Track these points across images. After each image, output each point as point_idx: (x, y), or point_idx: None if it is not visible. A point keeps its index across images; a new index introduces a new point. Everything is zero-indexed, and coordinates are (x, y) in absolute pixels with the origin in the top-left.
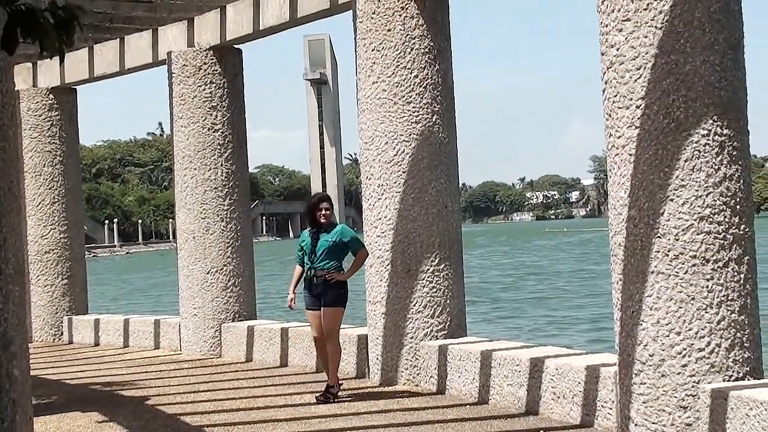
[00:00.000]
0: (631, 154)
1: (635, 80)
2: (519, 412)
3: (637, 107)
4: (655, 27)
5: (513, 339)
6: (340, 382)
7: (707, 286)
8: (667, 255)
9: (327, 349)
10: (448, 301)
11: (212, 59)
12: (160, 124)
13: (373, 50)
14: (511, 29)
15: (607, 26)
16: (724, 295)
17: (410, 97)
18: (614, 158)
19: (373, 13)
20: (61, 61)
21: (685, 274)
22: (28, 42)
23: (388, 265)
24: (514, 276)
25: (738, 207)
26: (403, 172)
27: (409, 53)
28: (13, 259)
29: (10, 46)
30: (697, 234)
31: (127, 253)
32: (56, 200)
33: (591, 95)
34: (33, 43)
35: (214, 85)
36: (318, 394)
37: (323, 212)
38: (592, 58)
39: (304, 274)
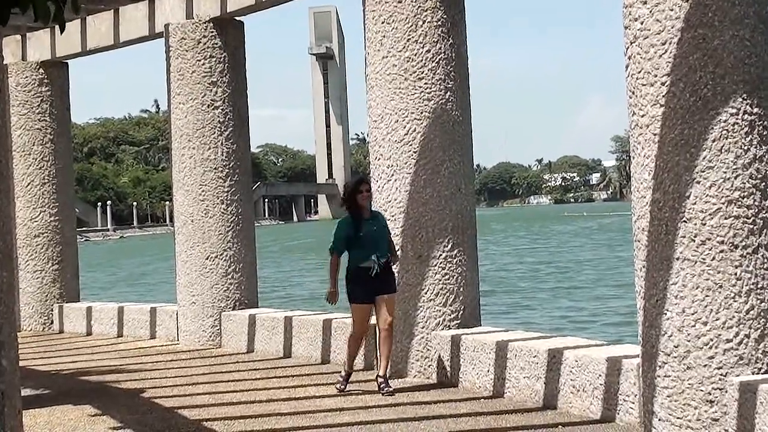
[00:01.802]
0: (655, 134)
1: (660, 56)
2: (536, 406)
3: (662, 84)
4: None
5: (530, 330)
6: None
7: (735, 274)
8: (693, 240)
9: (388, 337)
10: (461, 289)
11: (212, 32)
12: (156, 101)
13: (382, 23)
14: (526, 2)
15: None
16: (753, 283)
17: (422, 72)
18: (637, 138)
19: None
20: (62, 30)
21: (712, 260)
22: (16, 12)
23: (398, 251)
24: (532, 263)
25: None
26: (414, 152)
27: (421, 26)
28: (1, 243)
29: (2, 16)
30: (725, 218)
31: (121, 237)
32: (46, 181)
33: (612, 72)
34: (23, 12)
35: (214, 59)
36: (384, 386)
37: (364, 194)
38: (614, 32)
39: (368, 267)
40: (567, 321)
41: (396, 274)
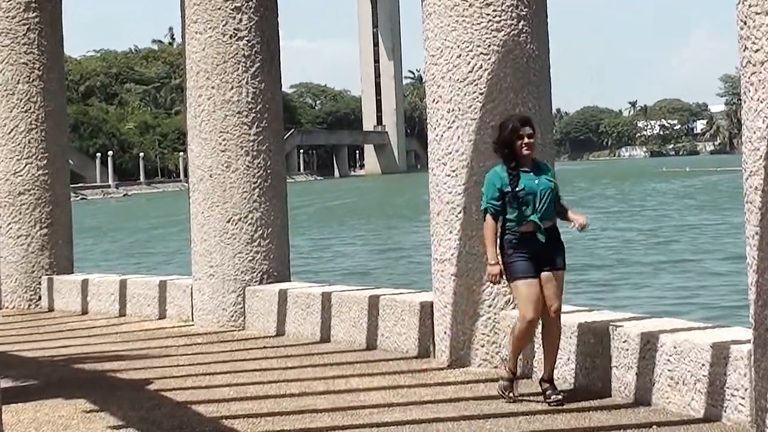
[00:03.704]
0: None
1: None
2: (626, 401)
3: None
4: None
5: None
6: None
7: None
8: None
9: (555, 327)
10: None
11: None
12: (171, 29)
13: None
14: None
15: None
16: None
17: None
18: (750, 78)
19: None
20: None
21: None
22: None
23: (460, 212)
24: (622, 230)
25: None
26: (480, 94)
27: None
28: None
29: None
30: None
31: (125, 195)
32: (33, 126)
33: None
34: None
35: None
36: (551, 393)
37: (526, 140)
38: None
39: (529, 231)
40: (663, 300)
41: (565, 245)
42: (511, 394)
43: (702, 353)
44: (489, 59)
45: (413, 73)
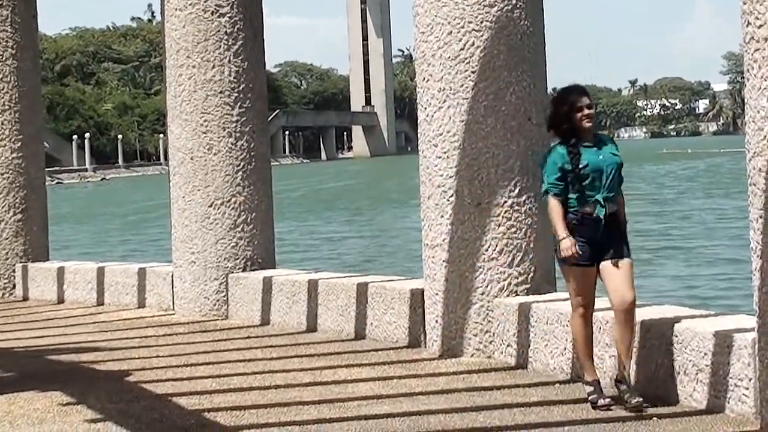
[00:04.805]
0: None
1: None
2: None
3: None
4: None
5: None
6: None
7: None
8: None
9: (629, 323)
10: (531, 245)
11: None
12: (150, 6)
13: None
14: None
15: None
16: None
17: None
18: (753, 55)
19: None
20: None
21: None
22: None
23: (451, 196)
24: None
25: None
26: (473, 72)
27: None
28: None
29: None
30: None
31: (102, 179)
32: (6, 108)
33: None
34: None
35: None
36: (629, 396)
37: (586, 111)
38: None
39: (592, 213)
40: (663, 288)
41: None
42: (603, 401)
43: (704, 342)
44: (481, 36)
45: (403, 52)
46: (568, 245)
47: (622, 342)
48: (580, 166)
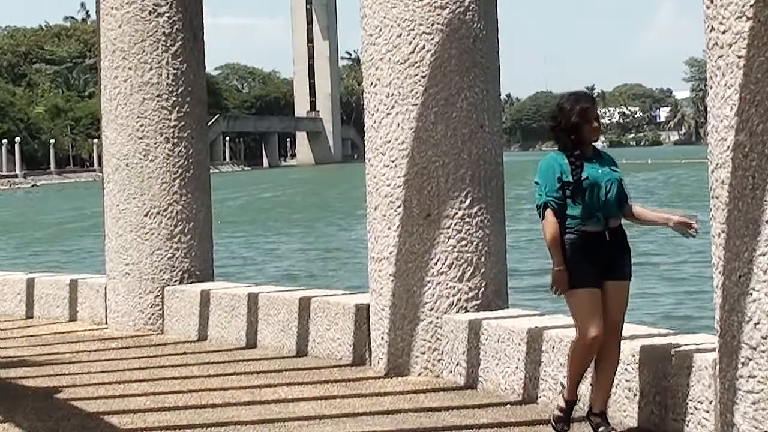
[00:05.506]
0: (740, 56)
1: None
2: (581, 414)
3: None
4: None
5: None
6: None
7: None
8: None
9: (614, 348)
10: (482, 259)
11: None
12: (83, 5)
13: None
14: None
15: None
16: None
17: None
18: (716, 62)
19: None
20: None
21: None
22: None
23: (399, 207)
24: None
25: None
26: (423, 77)
27: None
28: None
29: None
30: None
31: (33, 185)
32: None
33: None
34: None
35: None
36: (602, 427)
37: (594, 125)
38: None
39: (595, 232)
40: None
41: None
42: (565, 427)
43: (662, 363)
44: (432, 39)
45: (350, 54)
46: (561, 279)
47: (605, 370)
48: (582, 179)
